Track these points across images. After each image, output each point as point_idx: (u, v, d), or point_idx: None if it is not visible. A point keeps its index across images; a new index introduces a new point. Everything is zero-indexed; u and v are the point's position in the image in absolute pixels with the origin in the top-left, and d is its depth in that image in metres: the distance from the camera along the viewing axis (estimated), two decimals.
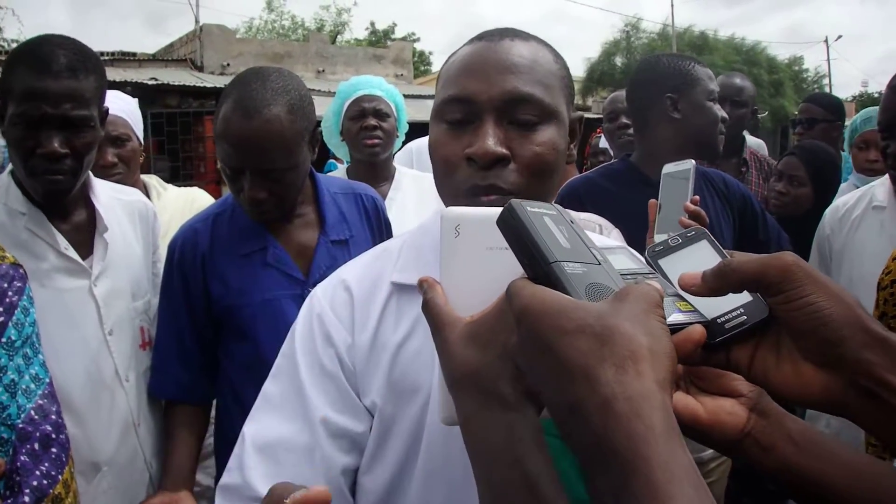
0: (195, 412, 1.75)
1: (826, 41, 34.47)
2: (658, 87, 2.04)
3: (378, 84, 2.66)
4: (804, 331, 0.57)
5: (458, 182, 0.90)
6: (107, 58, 13.34)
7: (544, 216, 0.57)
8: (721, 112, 2.06)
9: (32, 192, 1.56)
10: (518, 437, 0.55)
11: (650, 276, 0.65)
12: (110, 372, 1.64)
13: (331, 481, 0.89)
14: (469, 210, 0.66)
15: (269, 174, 1.57)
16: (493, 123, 0.89)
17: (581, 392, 0.46)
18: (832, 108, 3.59)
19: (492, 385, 0.57)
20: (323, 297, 0.99)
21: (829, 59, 34.71)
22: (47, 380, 1.27)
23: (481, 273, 0.62)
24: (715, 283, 0.60)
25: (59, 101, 1.47)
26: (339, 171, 2.74)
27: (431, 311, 0.63)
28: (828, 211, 2.26)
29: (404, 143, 3.05)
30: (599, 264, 0.56)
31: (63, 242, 1.60)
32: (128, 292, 1.73)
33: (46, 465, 1.19)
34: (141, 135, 2.43)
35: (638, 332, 0.48)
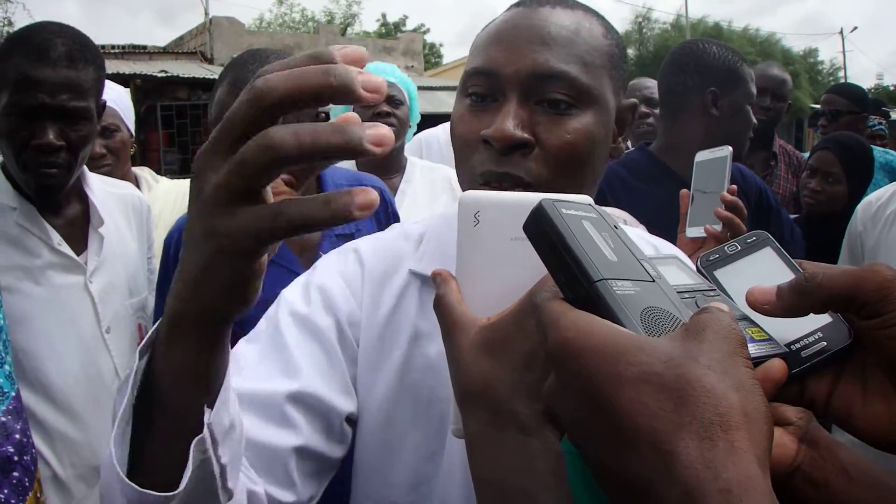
0: None
1: (841, 32, 34.07)
2: (703, 77, 1.90)
3: (391, 71, 2.56)
4: None
5: (473, 166, 0.78)
6: (117, 50, 13.33)
7: (583, 220, 0.46)
8: (754, 119, 1.95)
9: (24, 186, 1.49)
10: (532, 465, 0.47)
11: (711, 293, 0.53)
12: (109, 371, 1.57)
13: (275, 454, 0.71)
14: (491, 194, 0.57)
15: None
16: (516, 103, 0.76)
17: (649, 471, 0.35)
18: (857, 100, 3.45)
19: (505, 402, 0.49)
20: (329, 265, 0.87)
21: (844, 51, 34.31)
22: (13, 394, 1.18)
23: (503, 268, 0.53)
24: (793, 302, 0.49)
25: (56, 91, 1.40)
26: (349, 163, 2.65)
27: (443, 310, 0.55)
28: (860, 206, 2.14)
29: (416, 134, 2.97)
30: (654, 282, 0.45)
31: (56, 238, 1.53)
32: (124, 288, 1.66)
33: (6, 491, 1.10)
34: (132, 126, 2.34)
35: (726, 386, 0.35)
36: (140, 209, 1.81)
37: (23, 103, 1.39)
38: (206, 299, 0.45)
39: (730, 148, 1.49)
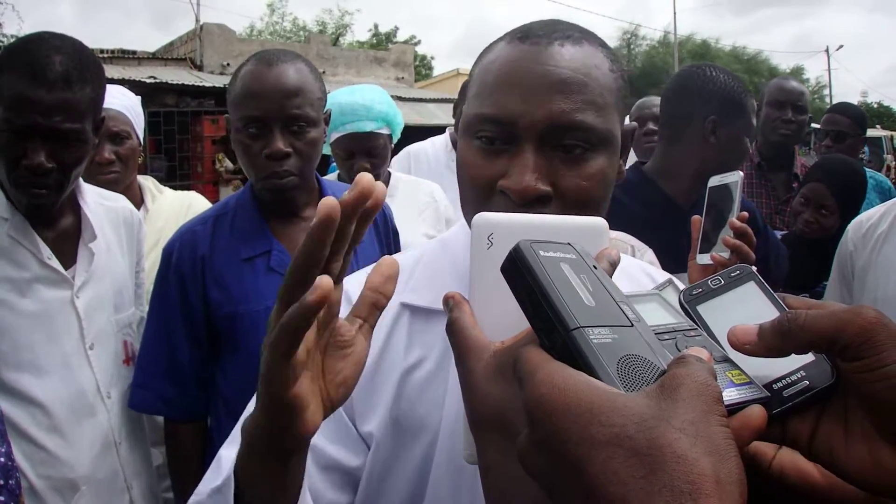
0: (200, 431, 1.66)
1: (826, 51, 34.60)
2: (706, 104, 1.90)
3: (367, 111, 2.30)
4: (885, 407, 0.45)
5: (486, 210, 0.77)
6: (106, 55, 13.25)
7: (561, 262, 0.46)
8: (750, 150, 1.96)
9: (16, 202, 1.49)
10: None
11: (692, 332, 0.52)
12: (91, 388, 1.55)
13: None
14: (505, 216, 0.56)
15: (295, 122, 1.55)
16: (533, 152, 0.75)
17: None
18: (860, 121, 3.44)
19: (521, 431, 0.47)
20: None
21: (829, 69, 34.81)
22: None
23: None
24: (775, 342, 0.48)
25: (50, 112, 1.38)
26: (333, 176, 2.63)
27: (457, 334, 0.53)
28: (850, 227, 2.14)
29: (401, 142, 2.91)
30: (632, 326, 0.44)
31: (46, 251, 1.52)
32: (110, 304, 1.64)
33: None
34: (142, 134, 2.32)
35: (698, 452, 0.35)
36: (131, 223, 1.79)
37: (16, 122, 1.37)
38: (271, 419, 0.56)
39: (740, 173, 1.49)
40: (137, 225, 1.81)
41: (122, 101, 2.22)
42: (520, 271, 0.45)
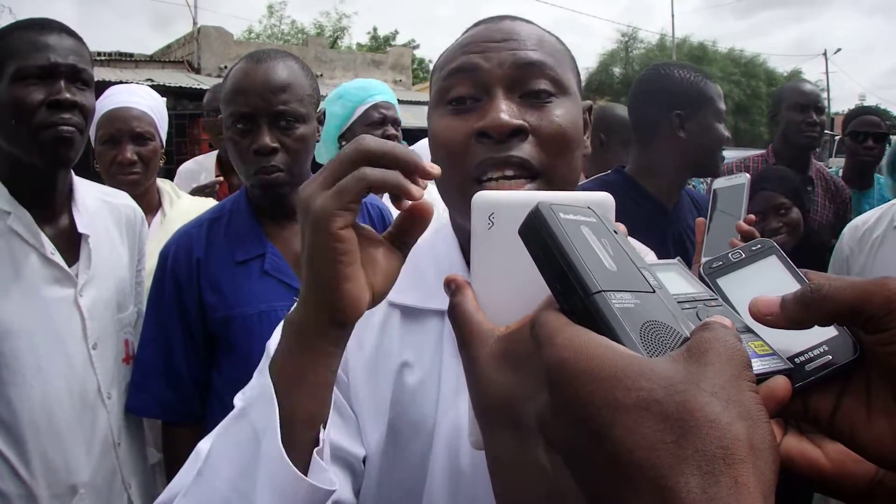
0: (197, 434, 1.65)
1: (825, 54, 34.69)
2: (668, 102, 1.96)
3: (388, 91, 2.52)
4: None
5: (467, 163, 0.79)
6: (103, 58, 13.25)
7: (581, 225, 0.44)
8: (726, 132, 2.00)
9: (38, 149, 1.43)
10: (564, 488, 0.42)
11: (712, 303, 0.50)
12: (93, 389, 1.53)
13: None
14: (506, 194, 0.53)
15: (282, 118, 1.53)
16: (503, 96, 0.80)
17: None
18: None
19: (528, 418, 0.44)
20: None
21: (827, 73, 34.89)
22: None
23: (520, 272, 0.48)
24: (798, 314, 0.46)
25: (66, 53, 1.44)
26: None
27: (459, 319, 0.50)
28: (846, 230, 2.15)
29: None
30: (654, 292, 0.43)
31: (49, 246, 1.49)
32: (113, 303, 1.62)
33: None
34: (165, 137, 2.30)
35: (731, 416, 0.33)
36: (133, 221, 1.78)
37: (35, 65, 1.40)
38: (322, 295, 0.59)
39: (747, 175, 1.49)
40: (140, 223, 1.80)
41: (148, 102, 2.21)
42: (539, 233, 0.43)
